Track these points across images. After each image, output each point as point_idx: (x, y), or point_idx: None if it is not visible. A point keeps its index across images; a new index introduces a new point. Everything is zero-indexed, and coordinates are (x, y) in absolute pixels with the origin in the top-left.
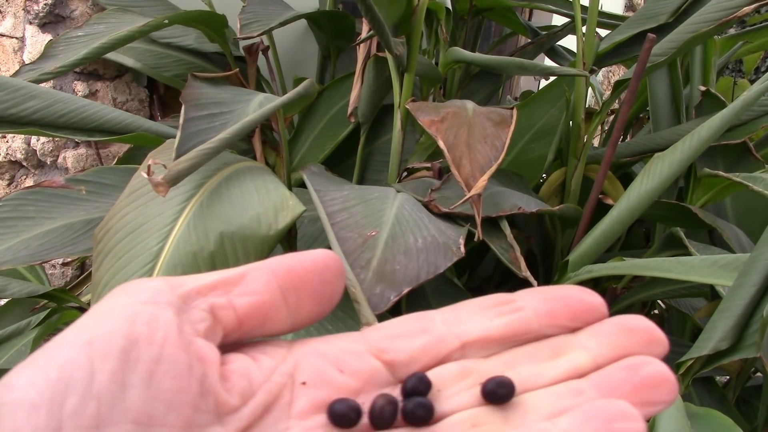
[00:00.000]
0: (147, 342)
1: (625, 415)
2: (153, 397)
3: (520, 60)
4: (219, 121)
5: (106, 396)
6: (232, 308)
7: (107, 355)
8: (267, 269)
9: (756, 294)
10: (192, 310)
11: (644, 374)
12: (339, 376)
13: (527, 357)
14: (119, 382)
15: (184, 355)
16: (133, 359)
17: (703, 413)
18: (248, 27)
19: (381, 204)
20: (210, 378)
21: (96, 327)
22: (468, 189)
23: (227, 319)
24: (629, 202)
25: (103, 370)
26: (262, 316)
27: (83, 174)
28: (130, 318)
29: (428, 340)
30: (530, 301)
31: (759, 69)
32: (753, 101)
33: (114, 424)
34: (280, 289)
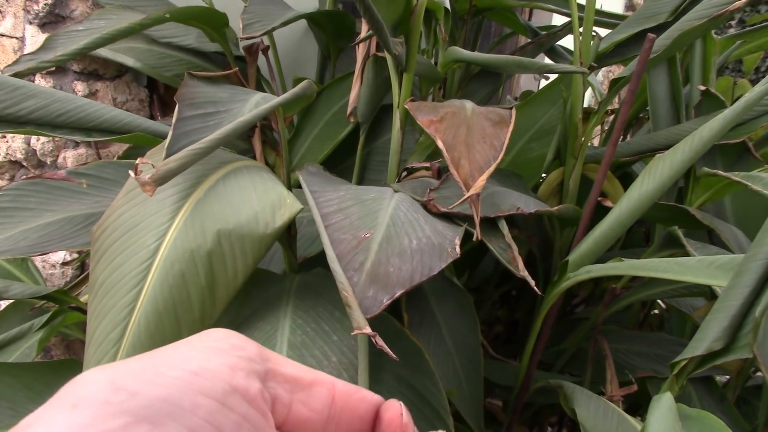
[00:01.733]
0: (243, 395)
1: None
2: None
3: (519, 58)
4: (213, 120)
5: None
6: (288, 409)
7: (209, 394)
8: (332, 390)
9: (750, 294)
10: (266, 387)
11: None
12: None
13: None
14: (214, 423)
15: (263, 420)
16: (230, 406)
17: (695, 414)
18: (250, 27)
19: (377, 205)
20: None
21: (203, 361)
22: (467, 189)
23: (279, 414)
24: (630, 203)
25: (203, 407)
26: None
27: (84, 168)
28: (232, 366)
29: None
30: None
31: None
32: (755, 102)
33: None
34: (329, 416)
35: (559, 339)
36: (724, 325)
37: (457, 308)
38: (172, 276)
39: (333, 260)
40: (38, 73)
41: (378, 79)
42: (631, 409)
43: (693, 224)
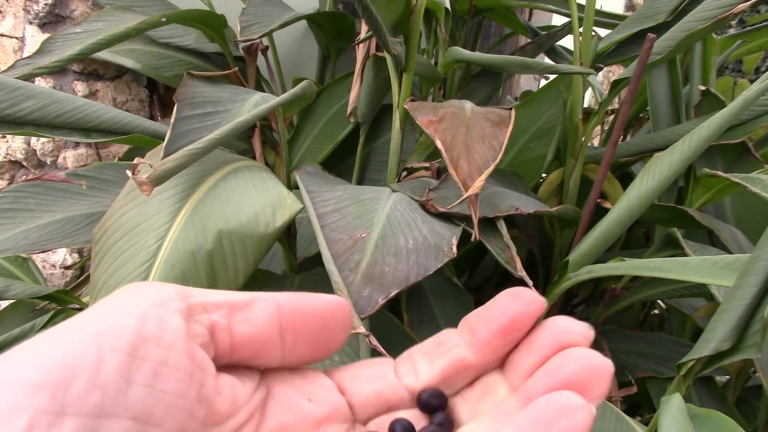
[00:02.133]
0: (155, 342)
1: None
2: (155, 397)
3: (522, 58)
4: (212, 120)
5: (111, 388)
6: (230, 333)
7: (116, 348)
8: (273, 303)
9: (757, 294)
10: (195, 322)
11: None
12: (307, 404)
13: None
14: (125, 376)
15: (189, 361)
16: (141, 357)
17: (704, 414)
18: (248, 29)
19: (373, 205)
20: (207, 388)
21: (106, 319)
22: (465, 189)
23: (222, 342)
24: (629, 203)
25: (111, 362)
26: (256, 349)
27: (84, 169)
28: (141, 317)
29: (382, 386)
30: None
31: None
32: (753, 101)
33: (114, 417)
34: (280, 327)
35: None
36: (731, 326)
37: (457, 308)
38: (173, 277)
39: (328, 260)
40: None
41: (378, 79)
42: (631, 409)
43: (693, 225)
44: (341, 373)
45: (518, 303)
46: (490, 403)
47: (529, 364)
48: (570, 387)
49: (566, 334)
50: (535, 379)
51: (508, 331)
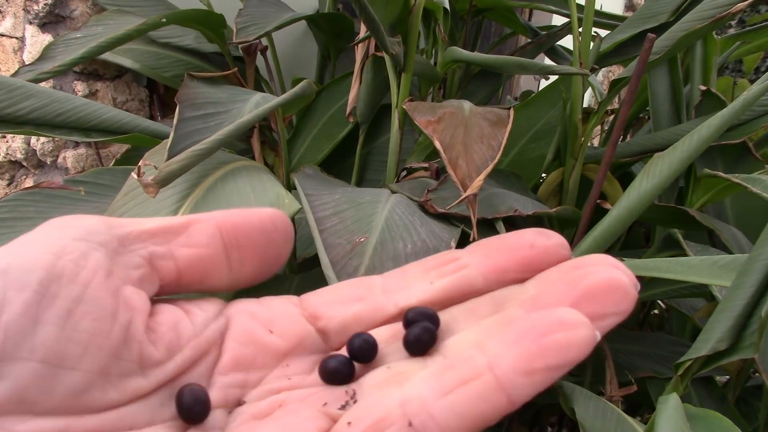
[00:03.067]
0: (69, 279)
1: (565, 323)
2: (67, 337)
3: (519, 59)
4: (214, 121)
5: (15, 329)
6: (172, 259)
7: (23, 287)
8: (212, 222)
9: (754, 294)
10: (128, 254)
11: (587, 284)
12: (268, 336)
13: (466, 314)
14: (32, 316)
15: (110, 299)
16: (51, 295)
17: (702, 414)
18: (244, 31)
19: (372, 208)
20: (135, 327)
21: (16, 256)
22: (464, 189)
23: (166, 269)
24: (629, 202)
25: (16, 302)
26: (203, 270)
27: (82, 175)
28: (56, 252)
29: (362, 308)
30: (475, 256)
31: (759, 69)
32: (753, 100)
33: (19, 360)
34: (224, 244)
35: None
36: (729, 326)
37: None
38: None
39: (326, 266)
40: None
41: (377, 79)
42: (631, 409)
43: (693, 225)
44: (317, 298)
45: (549, 240)
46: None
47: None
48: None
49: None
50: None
51: (529, 265)
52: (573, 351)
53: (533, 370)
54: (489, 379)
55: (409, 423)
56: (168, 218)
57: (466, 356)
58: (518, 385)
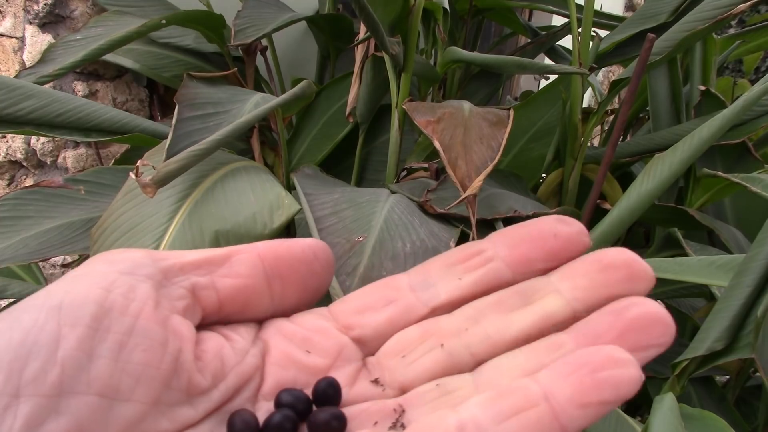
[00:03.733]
0: (120, 312)
1: (615, 361)
2: (121, 369)
3: (518, 59)
4: (213, 121)
5: (71, 364)
6: (214, 289)
7: (77, 322)
8: (254, 253)
9: (751, 294)
10: (172, 286)
11: (631, 317)
12: (306, 357)
13: (494, 308)
14: (86, 350)
15: (160, 329)
16: (104, 328)
17: (697, 414)
18: (242, 33)
19: (371, 208)
20: (185, 356)
21: (68, 292)
22: (463, 190)
23: (208, 300)
24: (629, 203)
25: (71, 337)
26: (245, 300)
27: (82, 174)
28: (106, 286)
29: (394, 311)
30: (500, 247)
31: (759, 69)
32: (754, 101)
33: (76, 394)
34: (266, 275)
35: None
36: (725, 326)
37: None
38: None
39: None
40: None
41: (377, 79)
42: (630, 409)
43: (693, 225)
44: (346, 306)
45: (571, 228)
46: (535, 316)
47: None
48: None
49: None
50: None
51: (556, 255)
52: (624, 388)
53: (588, 403)
54: (545, 410)
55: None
56: (210, 250)
57: (520, 384)
58: (574, 417)
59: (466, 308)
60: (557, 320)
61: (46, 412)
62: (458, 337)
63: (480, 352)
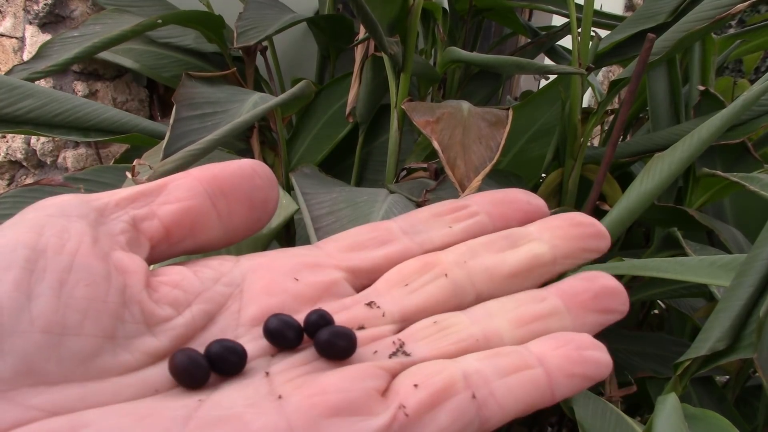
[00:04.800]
0: (55, 252)
1: (593, 344)
2: (65, 305)
3: (517, 59)
4: (211, 121)
5: (10, 305)
6: (155, 217)
7: (10, 265)
8: (189, 177)
9: (753, 294)
10: (110, 222)
11: (601, 284)
12: (294, 284)
13: (486, 247)
14: (24, 291)
15: (101, 264)
16: (41, 269)
17: (700, 414)
18: (245, 35)
19: (369, 208)
20: (133, 288)
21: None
22: (462, 190)
23: (152, 229)
24: (629, 203)
25: (6, 280)
26: (190, 223)
27: (82, 173)
28: (36, 229)
29: (390, 250)
30: (483, 205)
31: (759, 69)
32: (753, 101)
33: (20, 333)
34: (207, 194)
35: None
36: (727, 326)
37: None
38: None
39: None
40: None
41: (376, 79)
42: (630, 409)
43: (692, 225)
44: (336, 243)
45: (539, 201)
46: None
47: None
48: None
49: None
50: (574, 280)
51: (528, 219)
52: (602, 368)
53: (574, 374)
54: (541, 372)
55: (473, 395)
56: (143, 184)
57: (516, 348)
58: (561, 384)
59: (460, 246)
60: (543, 262)
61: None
62: (460, 267)
63: (480, 284)
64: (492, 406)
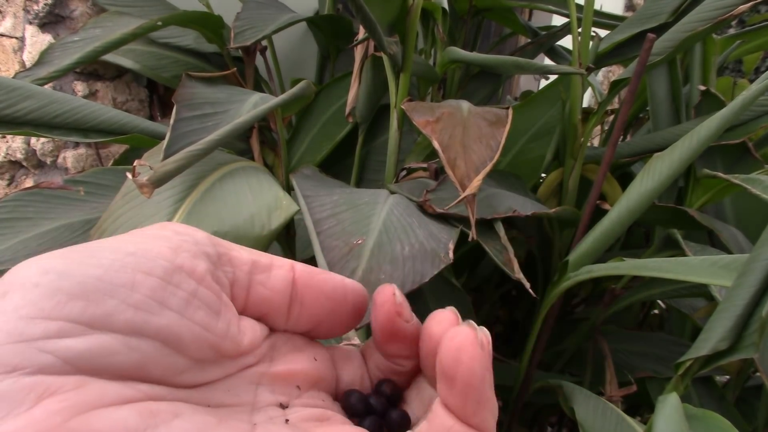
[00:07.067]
0: (188, 273)
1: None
2: (185, 325)
3: (517, 59)
4: (212, 121)
5: (143, 308)
6: (246, 291)
7: (150, 272)
8: (290, 271)
9: (755, 294)
10: (220, 271)
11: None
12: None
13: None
14: (158, 299)
15: (216, 298)
16: (174, 283)
17: (701, 415)
18: (242, 35)
19: (370, 210)
20: (233, 326)
21: (138, 244)
22: (462, 189)
23: (238, 297)
24: (629, 203)
25: (145, 284)
26: (265, 312)
27: (81, 175)
28: (174, 248)
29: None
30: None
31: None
32: (752, 101)
33: (145, 337)
34: (291, 296)
35: (559, 339)
36: (729, 326)
37: (456, 309)
38: None
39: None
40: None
41: (376, 79)
42: (631, 409)
43: (692, 226)
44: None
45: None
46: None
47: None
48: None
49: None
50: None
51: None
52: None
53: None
54: None
55: None
56: (258, 253)
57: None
58: None
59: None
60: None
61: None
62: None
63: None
64: None
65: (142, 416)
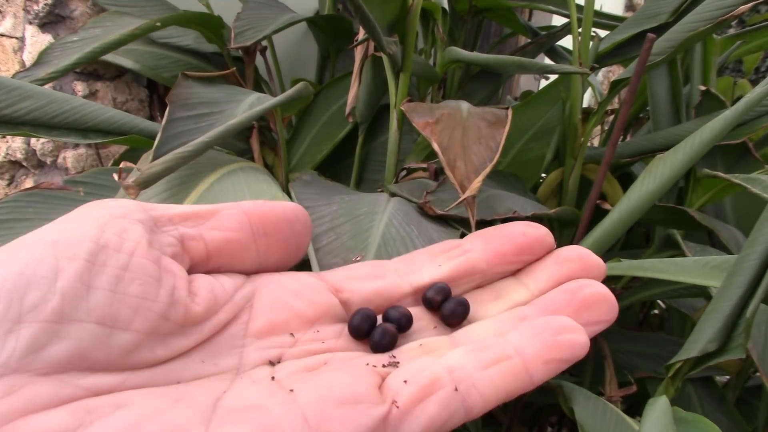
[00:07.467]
0: (115, 249)
1: (569, 327)
2: (119, 300)
3: (518, 58)
4: (206, 121)
5: (70, 293)
6: (202, 240)
7: (74, 257)
8: (240, 209)
9: (743, 295)
10: (162, 233)
11: (584, 295)
12: (297, 302)
13: (473, 301)
14: (85, 282)
15: (154, 266)
16: (101, 263)
17: (690, 418)
18: (242, 35)
19: (368, 221)
20: (179, 291)
21: (63, 230)
22: (462, 191)
23: (196, 250)
24: (630, 204)
25: (69, 270)
26: (231, 253)
27: (81, 176)
28: (100, 226)
29: (382, 284)
30: (476, 243)
31: (759, 69)
32: (756, 103)
33: (76, 321)
34: (252, 230)
35: None
36: (718, 327)
37: None
38: None
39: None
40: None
41: (376, 79)
42: (631, 409)
43: (693, 226)
44: (336, 274)
45: (537, 231)
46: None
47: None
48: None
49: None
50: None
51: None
52: (578, 350)
53: (551, 359)
54: (518, 362)
55: (456, 388)
56: (198, 205)
57: (494, 342)
58: (539, 370)
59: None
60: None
61: (47, 336)
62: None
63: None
64: (474, 397)
65: (76, 416)
